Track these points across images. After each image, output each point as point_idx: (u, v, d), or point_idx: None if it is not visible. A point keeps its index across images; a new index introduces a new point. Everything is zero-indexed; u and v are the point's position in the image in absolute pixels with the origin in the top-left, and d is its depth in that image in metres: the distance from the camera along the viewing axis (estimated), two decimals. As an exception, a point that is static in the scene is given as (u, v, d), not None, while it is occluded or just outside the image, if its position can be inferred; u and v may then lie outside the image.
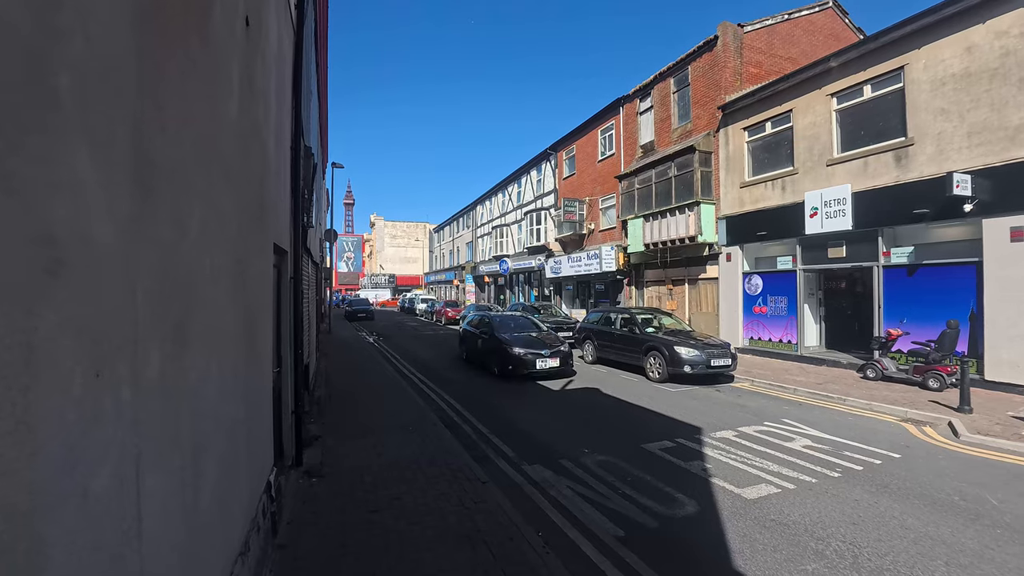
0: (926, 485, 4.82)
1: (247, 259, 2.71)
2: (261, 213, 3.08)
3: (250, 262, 2.80)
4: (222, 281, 2.14)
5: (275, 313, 4.34)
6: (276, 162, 3.81)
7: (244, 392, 2.61)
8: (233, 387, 2.36)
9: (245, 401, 2.62)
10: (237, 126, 2.45)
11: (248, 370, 2.72)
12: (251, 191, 2.80)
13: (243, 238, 2.59)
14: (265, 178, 3.24)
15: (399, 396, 8.47)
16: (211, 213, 1.97)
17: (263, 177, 3.17)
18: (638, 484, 4.81)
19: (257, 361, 2.97)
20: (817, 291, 12.69)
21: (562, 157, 23.95)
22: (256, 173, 2.95)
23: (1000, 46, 8.57)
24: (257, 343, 2.96)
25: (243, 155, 2.56)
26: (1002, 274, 8.51)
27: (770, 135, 12.92)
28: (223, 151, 2.16)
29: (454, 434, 6.37)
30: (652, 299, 17.69)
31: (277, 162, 3.90)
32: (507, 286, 31.78)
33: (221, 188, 2.14)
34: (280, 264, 4.39)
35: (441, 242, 51.15)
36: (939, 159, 9.34)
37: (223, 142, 2.17)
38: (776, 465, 5.35)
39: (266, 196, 3.25)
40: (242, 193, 2.56)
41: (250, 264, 2.80)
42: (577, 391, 9.51)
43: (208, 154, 1.94)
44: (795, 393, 9.09)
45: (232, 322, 2.32)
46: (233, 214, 2.34)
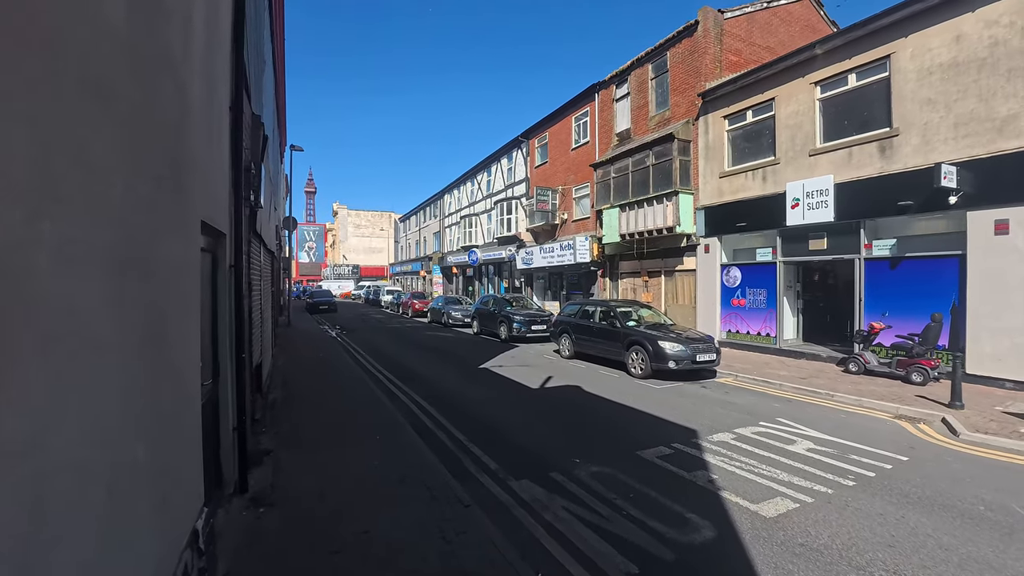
0: (946, 493, 4.46)
1: (153, 238, 1.92)
2: (177, 176, 2.27)
3: (158, 243, 2.01)
4: (89, 268, 1.37)
5: (211, 311, 3.51)
6: (207, 119, 2.98)
7: (146, 424, 1.84)
8: (120, 422, 1.59)
9: (147, 436, 1.84)
10: (128, 40, 1.65)
11: (154, 392, 1.94)
12: (158, 141, 2.00)
13: (142, 206, 1.80)
14: (185, 131, 2.43)
15: (365, 397, 7.67)
16: (61, 148, 1.20)
17: (181, 128, 2.35)
18: (642, 502, 4.24)
19: (171, 377, 2.18)
20: (795, 284, 12.55)
21: (534, 145, 23.26)
22: (168, 119, 2.14)
23: (989, 36, 8.40)
24: (171, 353, 2.18)
25: (139, 84, 1.76)
26: (986, 267, 8.42)
27: (751, 124, 12.62)
28: (93, 59, 1.38)
29: (428, 442, 5.65)
30: (627, 291, 17.34)
31: (209, 120, 3.07)
32: (476, 277, 31.00)
33: (90, 116, 1.36)
34: (215, 249, 3.56)
35: (407, 232, 49.73)
36: (924, 150, 9.18)
37: (94, 46, 1.39)
38: (785, 473, 4.91)
39: (185, 155, 2.43)
40: (138, 138, 1.76)
41: (158, 245, 2.01)
42: (558, 389, 8.93)
43: (55, 52, 1.17)
44: (781, 388, 8.81)
45: (115, 329, 1.55)
46: (117, 164, 1.56)
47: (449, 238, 35.75)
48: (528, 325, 15.51)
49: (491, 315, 17.09)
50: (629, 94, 16.80)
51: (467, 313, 20.50)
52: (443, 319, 21.60)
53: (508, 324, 15.67)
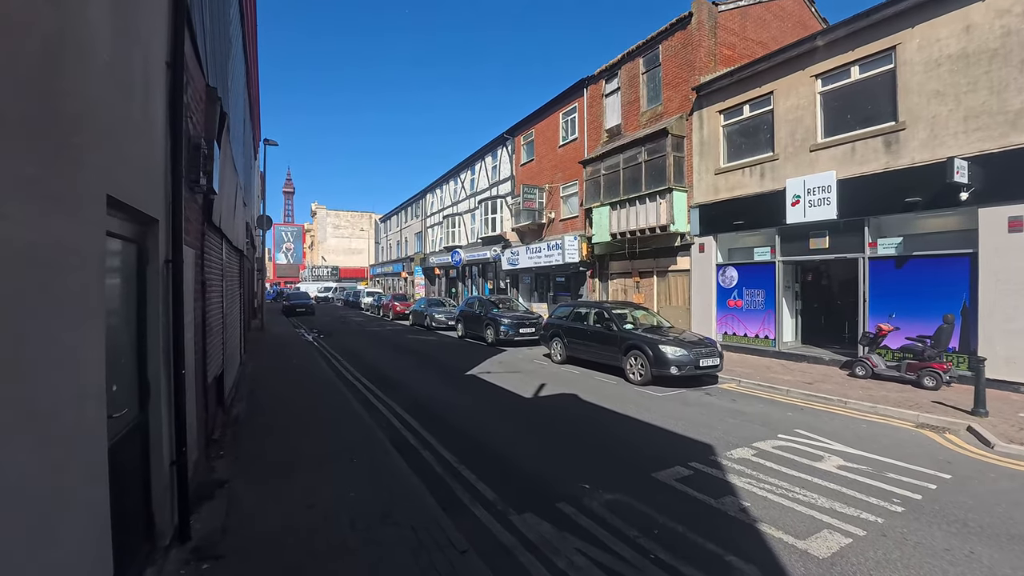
0: (1008, 520, 3.92)
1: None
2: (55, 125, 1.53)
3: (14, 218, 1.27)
4: None
5: (135, 319, 2.74)
6: (123, 66, 2.23)
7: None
8: None
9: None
10: None
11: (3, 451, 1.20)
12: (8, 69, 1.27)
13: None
14: (71, 68, 1.68)
15: (340, 409, 6.88)
16: None
17: (63, 62, 1.61)
18: (670, 539, 3.60)
19: (35, 423, 1.44)
20: (794, 284, 12.14)
21: (520, 142, 22.63)
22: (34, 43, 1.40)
23: (1001, 25, 8.05)
24: (37, 391, 1.43)
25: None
26: (999, 266, 8.05)
27: (748, 119, 12.18)
28: None
29: (412, 465, 4.92)
30: (617, 292, 16.80)
31: (128, 69, 2.32)
32: (459, 278, 30.21)
33: None
34: (143, 239, 2.79)
35: (388, 232, 48.61)
36: (932, 144, 8.80)
37: None
38: (824, 498, 4.32)
39: (74, 101, 1.69)
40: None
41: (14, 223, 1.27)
42: (553, 399, 8.27)
43: None
44: (789, 395, 8.30)
45: None
46: None
47: (431, 238, 34.88)
48: (516, 328, 14.84)
49: (477, 317, 16.37)
50: (619, 89, 16.28)
51: (451, 315, 19.73)
52: (426, 322, 20.79)
53: (495, 327, 14.97)
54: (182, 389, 3.07)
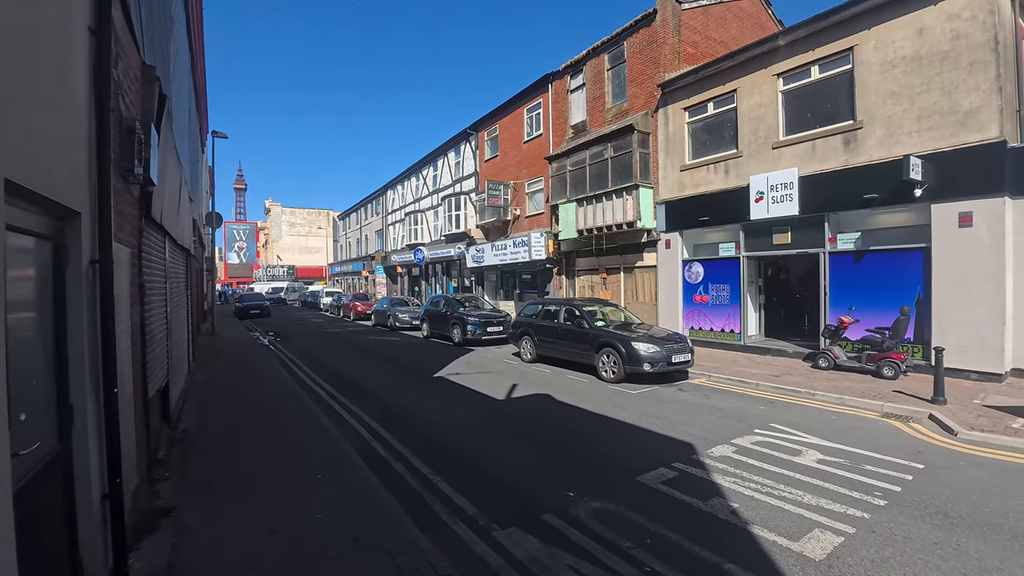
0: (983, 509, 3.98)
1: None
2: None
3: None
4: None
5: (52, 332, 2.30)
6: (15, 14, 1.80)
7: None
8: None
9: None
10: None
11: None
12: None
13: None
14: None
15: (302, 420, 6.40)
16: None
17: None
18: (665, 549, 3.42)
19: None
20: (757, 279, 12.39)
21: (483, 137, 22.28)
22: None
23: (951, 29, 8.37)
24: None
25: None
26: (950, 259, 8.40)
27: (713, 116, 12.31)
28: None
29: (383, 480, 4.56)
30: (584, 289, 16.77)
31: (30, 25, 1.89)
32: (423, 277, 29.58)
33: None
34: (62, 236, 2.35)
35: (347, 230, 47.19)
36: (889, 143, 9.10)
37: None
38: (809, 495, 4.27)
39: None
40: None
41: None
42: (526, 400, 8.04)
43: None
44: (759, 388, 8.40)
45: None
46: None
47: (393, 236, 34.03)
48: (484, 327, 14.54)
49: (443, 317, 15.96)
50: (584, 85, 16.21)
51: (415, 315, 19.22)
52: (389, 322, 20.17)
53: (462, 326, 14.62)
54: (114, 409, 2.62)
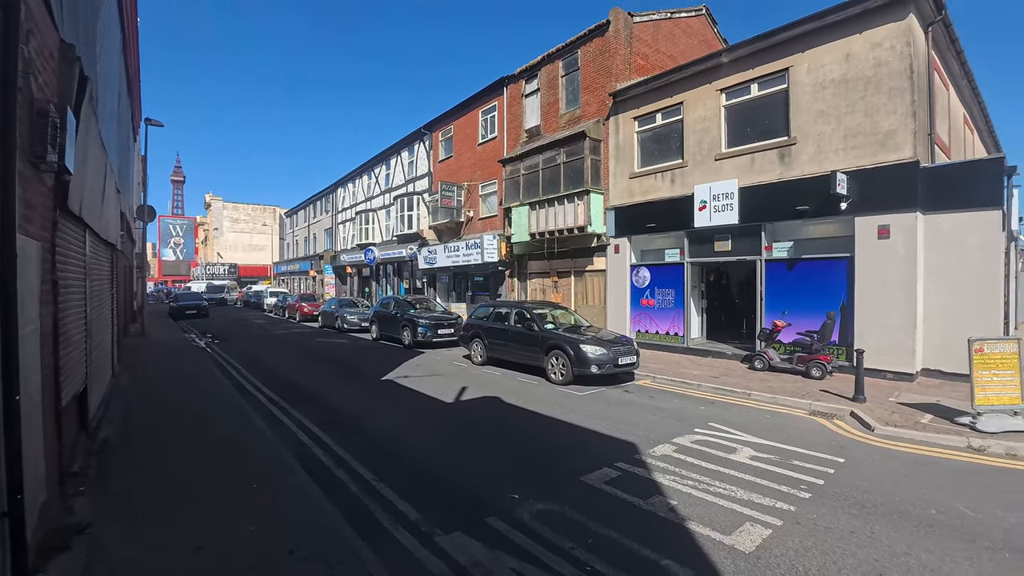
0: (895, 498, 4.32)
1: None
2: None
3: None
4: None
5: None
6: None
7: None
8: None
9: None
10: None
11: None
12: None
13: None
14: None
15: (237, 426, 6.08)
16: None
17: None
18: (605, 548, 3.48)
19: None
20: (700, 284, 12.93)
21: (438, 138, 22.08)
22: None
23: (874, 57, 9.08)
24: None
25: None
26: (871, 268, 9.09)
27: (661, 126, 12.77)
28: None
29: (324, 487, 4.40)
30: (536, 292, 16.92)
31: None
32: (373, 278, 28.91)
33: None
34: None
35: (294, 228, 45.45)
36: (819, 159, 9.75)
37: None
38: (742, 490, 4.48)
39: None
40: None
41: None
42: (475, 402, 8.00)
43: None
44: (700, 389, 8.75)
45: None
46: None
47: (343, 235, 33.05)
48: (434, 329, 14.37)
49: (392, 319, 15.65)
50: (539, 90, 16.40)
51: (364, 317, 18.75)
52: (337, 324, 19.57)
53: (412, 328, 14.39)
54: (16, 419, 2.38)
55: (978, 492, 4.49)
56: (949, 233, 8.62)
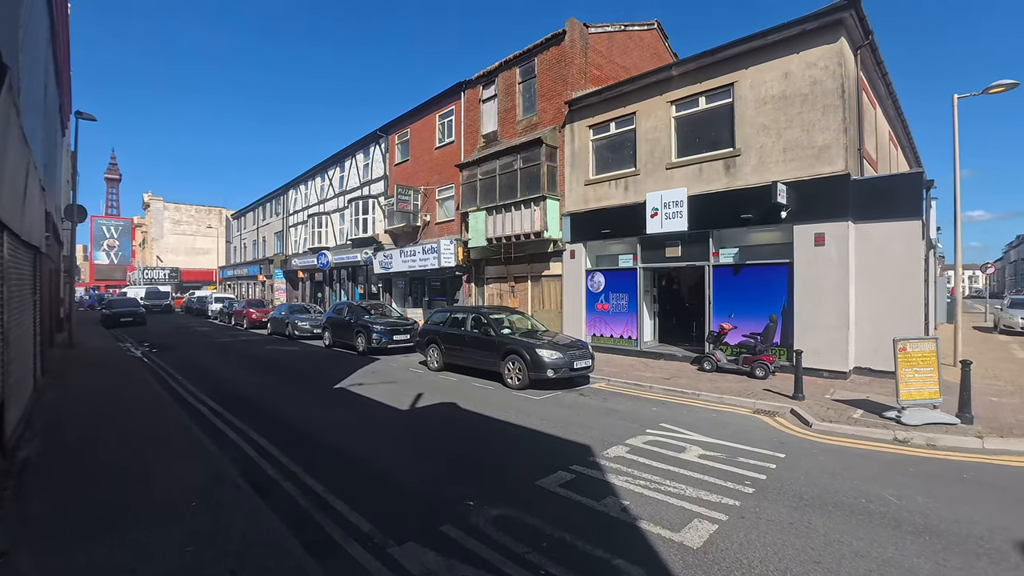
0: (830, 490, 4.58)
1: None
2: None
3: None
4: None
5: None
6: None
7: None
8: None
9: None
10: None
11: None
12: None
13: None
14: None
15: (177, 441, 5.73)
16: None
17: None
18: (560, 551, 3.50)
19: None
20: (652, 288, 13.32)
21: (394, 141, 21.78)
22: None
23: (810, 75, 9.68)
24: None
25: None
26: (808, 274, 9.65)
27: (614, 135, 13.11)
28: None
29: (270, 502, 4.20)
30: (493, 297, 16.94)
31: None
32: (326, 283, 28.10)
33: None
34: None
35: (242, 231, 43.56)
36: (761, 170, 10.28)
37: None
38: (691, 488, 4.63)
39: None
40: None
41: None
42: (431, 409, 7.89)
43: None
44: (652, 391, 8.99)
45: None
46: None
47: (294, 238, 31.97)
48: (390, 335, 14.10)
49: (346, 325, 15.25)
50: (496, 96, 16.49)
51: (317, 323, 18.18)
52: (287, 330, 18.86)
53: (366, 334, 14.07)
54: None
55: (902, 481, 4.84)
56: (877, 241, 9.27)
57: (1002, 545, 3.62)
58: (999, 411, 7.18)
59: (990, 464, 5.37)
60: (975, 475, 5.04)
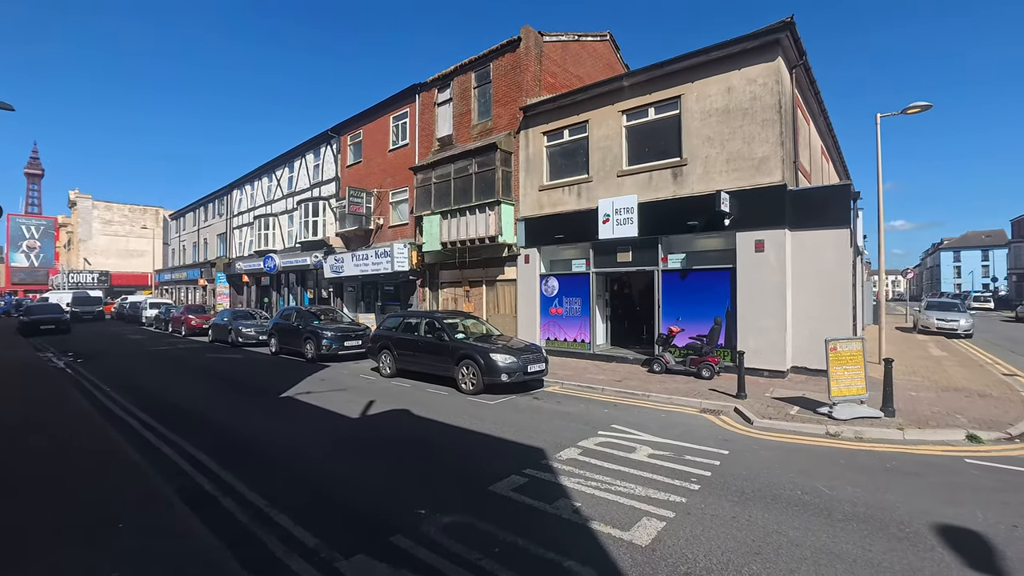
0: (769, 483, 4.81)
1: None
2: None
3: None
4: None
5: None
6: None
7: None
8: None
9: None
10: None
11: None
12: None
13: None
14: None
15: (101, 459, 5.29)
16: None
17: None
18: (512, 556, 3.49)
19: None
20: (604, 292, 13.60)
21: (346, 142, 21.26)
22: None
23: (751, 91, 10.22)
24: None
25: None
26: (749, 279, 10.14)
27: (568, 142, 13.34)
28: None
29: (208, 520, 3.96)
30: (448, 301, 16.79)
31: None
32: (274, 287, 26.98)
33: None
34: None
35: (181, 232, 41.20)
36: (706, 179, 10.74)
37: None
38: (640, 487, 4.73)
39: None
40: None
41: None
42: (383, 416, 7.71)
43: None
44: (604, 393, 9.16)
45: None
46: None
47: (239, 241, 30.53)
48: (340, 341, 13.69)
49: (294, 331, 14.68)
50: (452, 100, 16.43)
51: (263, 329, 17.41)
52: (231, 337, 17.94)
53: (316, 340, 13.60)
54: None
55: (834, 471, 5.15)
56: (811, 248, 9.87)
57: (920, 528, 3.91)
58: (917, 405, 7.80)
59: (909, 454, 5.82)
60: (897, 464, 5.44)
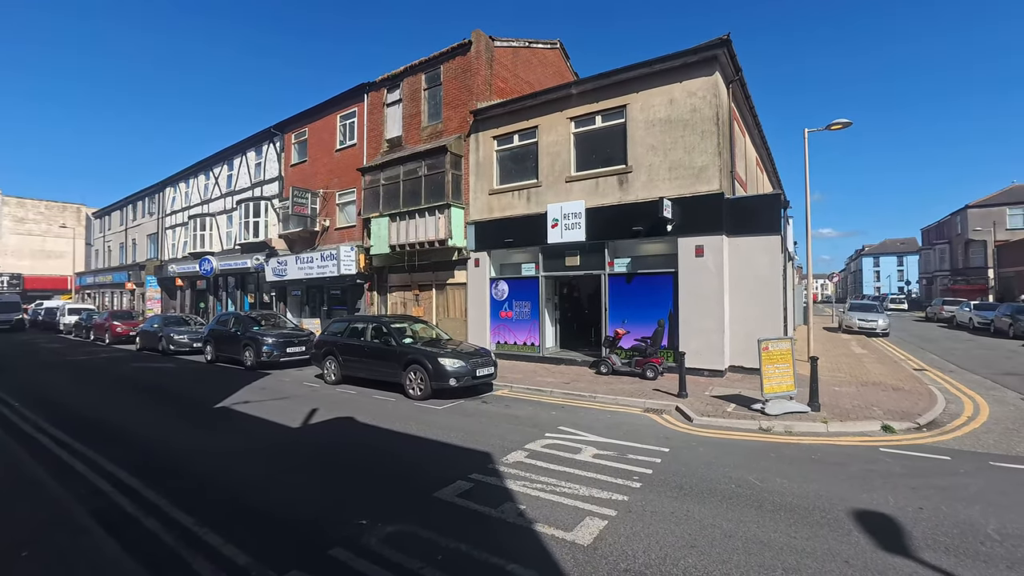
0: (706, 479, 5.02)
1: None
2: None
3: None
4: None
5: None
6: None
7: None
8: None
9: None
10: None
11: None
12: None
13: None
14: None
15: (5, 480, 4.81)
16: None
17: None
18: (455, 563, 3.45)
19: None
20: (553, 296, 13.79)
21: (291, 140, 20.50)
22: None
23: (691, 103, 10.69)
24: None
25: None
26: (690, 282, 10.59)
27: (518, 147, 13.46)
28: None
29: (128, 543, 3.66)
30: (397, 305, 16.49)
31: None
32: (211, 291, 25.54)
33: None
34: None
35: (106, 232, 38.30)
36: (650, 186, 11.12)
37: None
38: (584, 487, 4.81)
39: None
40: None
41: None
42: (326, 425, 7.45)
43: None
44: (552, 395, 9.27)
45: None
46: None
47: (172, 242, 28.72)
48: (282, 347, 13.13)
49: (232, 337, 13.94)
50: (401, 100, 16.20)
51: (197, 336, 16.41)
52: (161, 345, 16.80)
53: (255, 347, 12.97)
54: None
55: (765, 465, 5.44)
56: (745, 253, 10.43)
57: (839, 515, 4.19)
58: (840, 399, 8.39)
59: (832, 445, 6.24)
60: (821, 455, 5.82)
